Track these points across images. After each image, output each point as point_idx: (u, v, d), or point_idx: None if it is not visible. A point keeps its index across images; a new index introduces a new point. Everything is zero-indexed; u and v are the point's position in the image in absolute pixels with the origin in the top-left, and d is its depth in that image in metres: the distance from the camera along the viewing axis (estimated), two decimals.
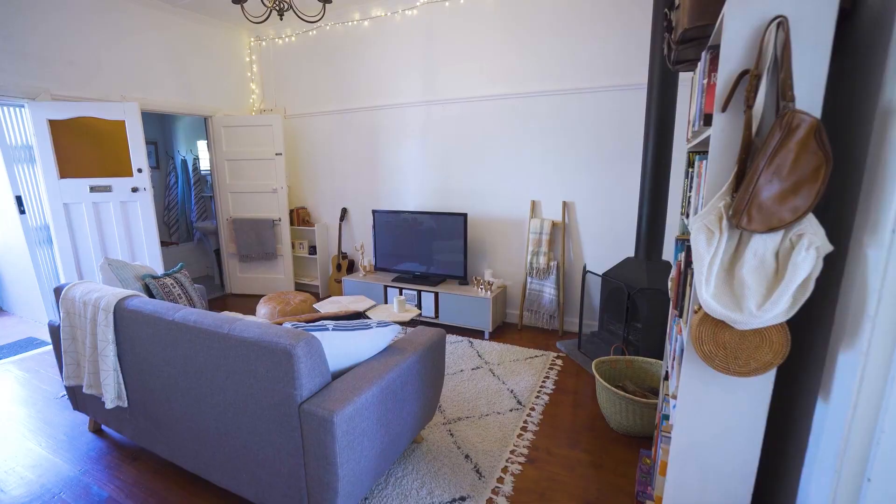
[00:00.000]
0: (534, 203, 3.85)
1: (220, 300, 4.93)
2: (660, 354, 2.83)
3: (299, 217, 4.96)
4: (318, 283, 4.99)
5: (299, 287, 5.20)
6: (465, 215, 3.82)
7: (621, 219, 3.52)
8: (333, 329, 1.74)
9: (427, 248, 4.08)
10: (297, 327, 1.66)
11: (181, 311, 1.78)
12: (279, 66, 4.89)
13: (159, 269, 3.77)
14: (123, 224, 3.64)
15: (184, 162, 5.92)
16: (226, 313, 2.95)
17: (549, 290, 3.79)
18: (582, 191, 3.64)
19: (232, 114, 4.81)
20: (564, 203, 3.71)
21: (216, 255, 5.27)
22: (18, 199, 3.50)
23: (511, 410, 2.60)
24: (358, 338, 1.77)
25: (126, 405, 2.05)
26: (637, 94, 3.32)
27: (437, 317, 3.93)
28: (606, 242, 3.62)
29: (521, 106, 3.74)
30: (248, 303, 4.79)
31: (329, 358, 1.69)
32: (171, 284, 2.44)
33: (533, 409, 2.64)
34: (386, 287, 4.11)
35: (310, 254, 4.96)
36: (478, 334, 3.79)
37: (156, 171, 6.01)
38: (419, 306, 3.98)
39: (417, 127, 4.24)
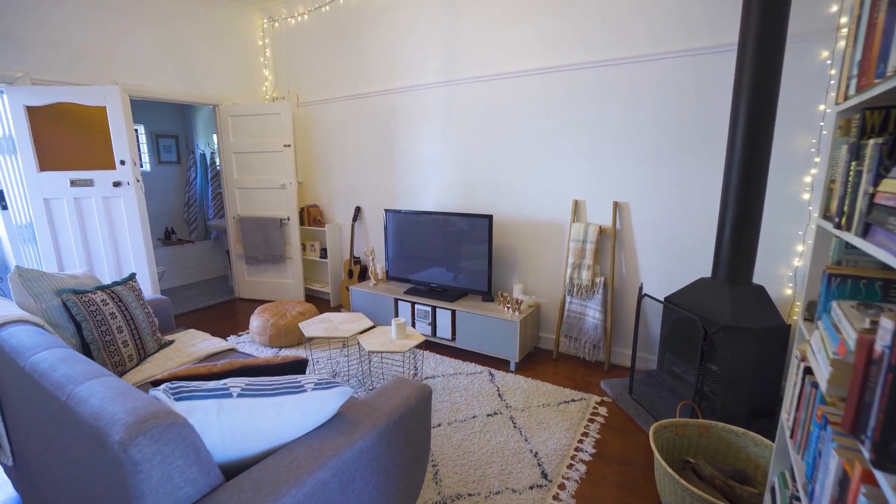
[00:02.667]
0: (576, 203, 3.09)
1: (230, 304, 4.54)
2: (750, 421, 2.01)
3: (310, 216, 4.46)
4: (329, 291, 4.47)
5: (310, 294, 4.72)
6: (489, 217, 3.13)
7: (693, 225, 2.70)
8: (241, 394, 1.13)
9: (446, 256, 3.43)
10: (173, 393, 1.06)
11: (39, 354, 1.24)
12: (292, 49, 4.41)
13: (145, 274, 3.38)
14: (107, 222, 3.28)
15: (202, 156, 5.63)
16: (190, 332, 2.45)
17: (593, 314, 3.02)
18: (639, 188, 2.84)
19: (241, 102, 4.39)
20: (616, 204, 2.92)
21: (228, 255, 4.90)
22: (0, 194, 3.21)
23: (532, 488, 1.90)
24: (280, 407, 1.16)
25: (11, 463, 1.56)
26: (719, 60, 2.48)
27: (453, 339, 3.27)
28: (672, 256, 2.80)
29: (562, 82, 3.00)
30: (254, 309, 4.36)
31: (229, 440, 1.08)
32: (103, 301, 1.95)
33: (563, 486, 1.92)
34: (397, 300, 3.50)
35: (321, 257, 4.45)
36: (502, 364, 3.09)
37: (177, 166, 5.77)
38: (433, 325, 3.34)
39: (437, 112, 3.59)
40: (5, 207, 3.24)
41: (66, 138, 3.19)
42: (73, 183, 3.19)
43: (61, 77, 3.26)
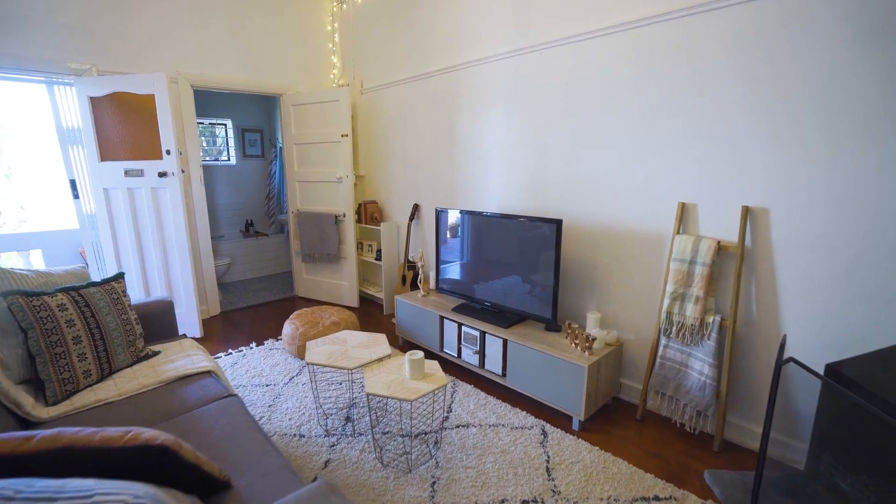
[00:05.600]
0: (683, 207, 2.19)
1: (288, 302, 4.38)
2: None
3: (367, 213, 4.08)
4: (384, 297, 4.05)
5: (365, 298, 4.35)
6: (558, 223, 2.37)
7: (888, 249, 1.66)
8: None
9: (504, 269, 2.75)
10: None
11: None
12: (358, 31, 4.06)
13: (187, 268, 3.26)
14: (155, 213, 3.21)
15: (282, 150, 5.64)
16: (182, 343, 2.15)
17: (699, 367, 2.10)
18: (787, 186, 1.86)
19: (305, 91, 4.17)
20: (746, 210, 1.97)
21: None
22: (73, 183, 3.33)
23: None
24: None
25: None
26: None
27: (503, 374, 2.58)
28: (842, 296, 1.77)
29: (669, 38, 2.12)
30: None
31: None
32: (60, 305, 1.68)
33: None
34: (442, 319, 2.91)
35: (376, 259, 4.05)
36: (562, 419, 2.32)
37: (261, 160, 5.88)
38: (482, 354, 2.68)
39: (503, 90, 2.91)
40: (77, 196, 3.35)
41: (120, 127, 3.17)
42: (127, 173, 3.17)
43: (126, 68, 3.27)
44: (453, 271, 3.07)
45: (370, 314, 3.99)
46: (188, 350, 2.06)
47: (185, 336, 2.26)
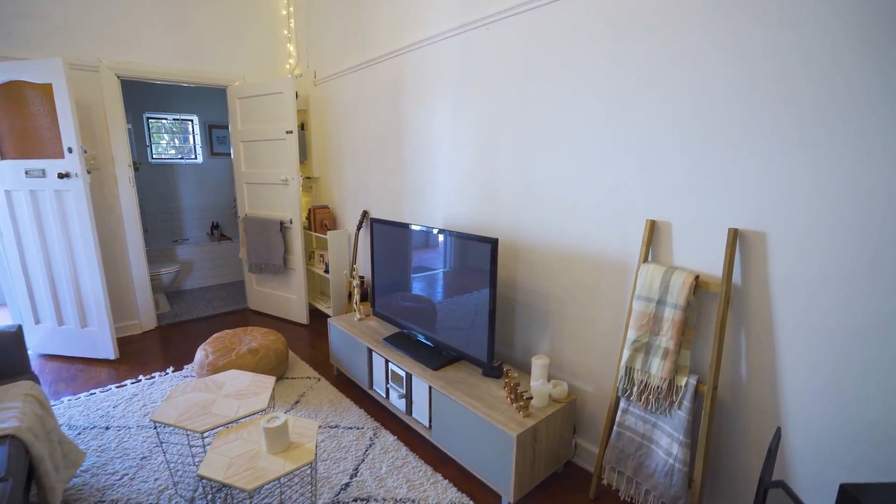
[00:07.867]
0: (653, 227, 1.64)
1: (238, 315, 3.97)
2: None
3: (317, 220, 3.62)
4: (333, 313, 3.59)
5: (317, 313, 3.90)
6: (493, 242, 1.86)
7: None
8: None
9: (439, 295, 2.25)
10: None
11: None
12: (312, 15, 3.60)
13: (98, 283, 2.87)
14: (60, 218, 2.83)
15: None
16: (15, 387, 1.73)
17: (666, 444, 1.55)
18: (792, 206, 1.30)
19: (250, 82, 3.74)
20: (735, 234, 1.41)
21: None
22: None
23: None
24: None
25: None
26: None
27: (430, 427, 2.08)
28: (873, 364, 1.20)
29: (647, 3, 1.57)
30: (258, 323, 3.70)
31: None
32: None
33: None
34: (371, 351, 2.43)
35: (325, 271, 3.59)
36: (490, 495, 1.81)
37: (228, 158, 5.51)
38: (409, 399, 2.18)
39: (450, 76, 2.40)
40: None
41: (25, 122, 2.79)
42: (28, 173, 2.79)
43: (36, 54, 2.89)
44: (389, 293, 2.58)
45: (319, 332, 3.53)
46: (8, 401, 1.63)
47: (30, 378, 1.84)
